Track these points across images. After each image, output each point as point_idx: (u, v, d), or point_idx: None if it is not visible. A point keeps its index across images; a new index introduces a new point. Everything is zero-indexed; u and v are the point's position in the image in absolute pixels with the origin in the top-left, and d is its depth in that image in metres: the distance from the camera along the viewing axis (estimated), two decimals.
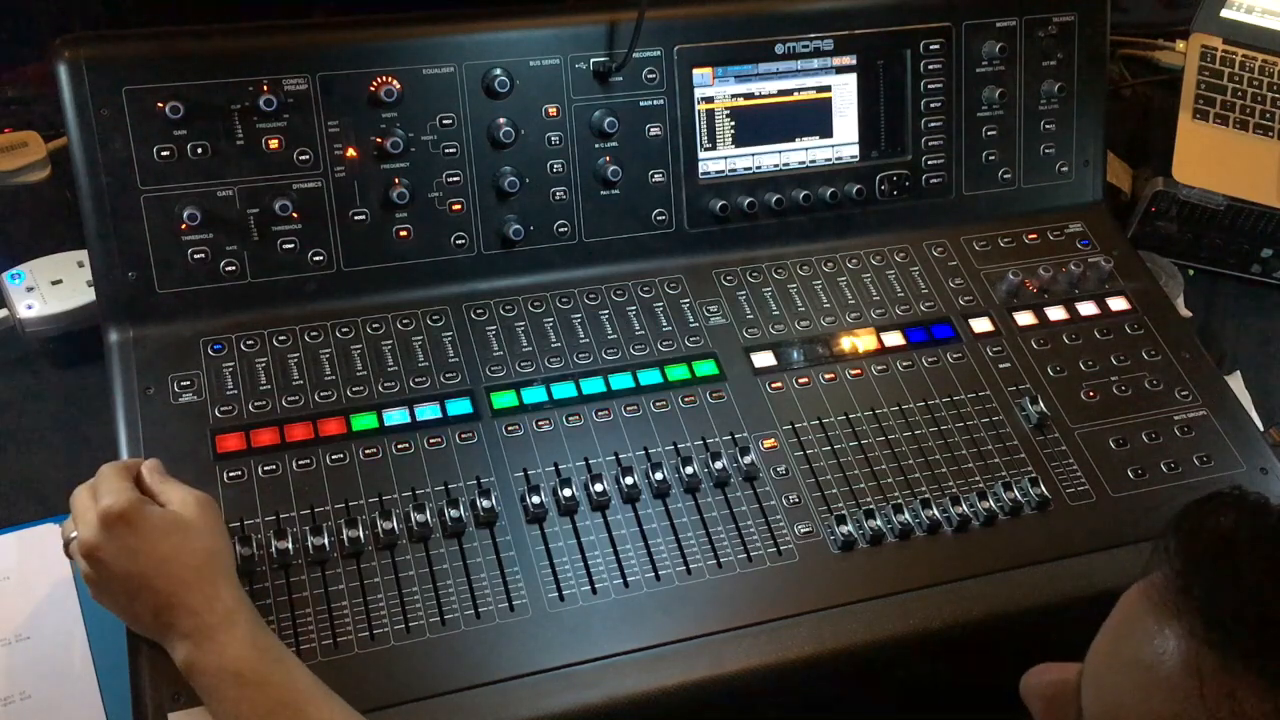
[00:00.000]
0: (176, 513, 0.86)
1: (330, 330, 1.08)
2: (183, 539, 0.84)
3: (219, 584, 0.83)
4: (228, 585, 0.84)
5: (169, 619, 0.82)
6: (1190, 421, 1.13)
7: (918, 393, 1.11)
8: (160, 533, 0.83)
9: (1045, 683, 0.71)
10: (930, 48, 1.23)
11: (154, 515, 0.84)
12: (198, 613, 0.81)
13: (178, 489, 0.88)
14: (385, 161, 1.09)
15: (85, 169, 1.02)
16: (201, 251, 1.06)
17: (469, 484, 0.99)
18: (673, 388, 1.08)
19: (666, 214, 1.18)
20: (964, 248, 1.25)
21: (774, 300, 1.17)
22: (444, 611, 0.92)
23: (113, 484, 0.85)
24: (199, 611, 0.81)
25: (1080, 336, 1.18)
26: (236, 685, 0.79)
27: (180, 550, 0.83)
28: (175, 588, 0.82)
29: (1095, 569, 1.00)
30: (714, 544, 0.98)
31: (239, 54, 1.05)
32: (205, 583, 0.83)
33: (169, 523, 0.84)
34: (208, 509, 0.87)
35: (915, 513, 1.01)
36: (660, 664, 0.91)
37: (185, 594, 0.82)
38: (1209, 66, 1.50)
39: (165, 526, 0.84)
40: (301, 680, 0.81)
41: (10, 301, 1.15)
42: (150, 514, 0.84)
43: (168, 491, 0.88)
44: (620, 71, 1.13)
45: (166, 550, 0.83)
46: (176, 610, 0.82)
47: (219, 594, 0.83)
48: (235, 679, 0.80)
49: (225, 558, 0.86)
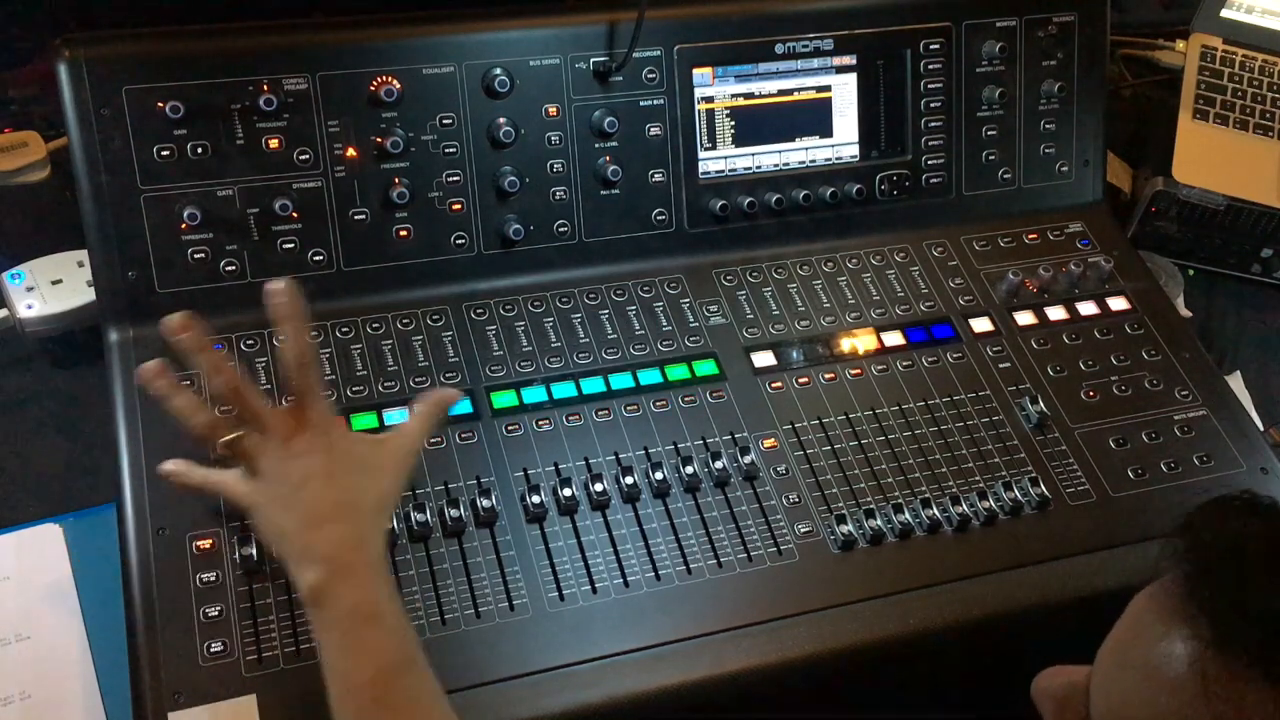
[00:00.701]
0: (393, 449, 0.86)
1: (330, 330, 1.08)
2: (380, 473, 0.84)
3: (380, 530, 0.82)
4: (383, 536, 0.83)
5: (325, 537, 0.79)
6: (1190, 421, 1.13)
7: (918, 393, 1.11)
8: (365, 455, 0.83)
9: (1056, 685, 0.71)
10: (930, 48, 1.23)
11: (366, 437, 0.86)
12: (361, 545, 0.79)
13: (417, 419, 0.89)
14: (385, 161, 1.09)
15: (85, 169, 1.02)
16: (201, 251, 1.06)
17: (469, 484, 0.99)
18: (673, 387, 1.08)
19: (666, 214, 1.18)
20: (964, 248, 1.25)
21: (774, 300, 1.17)
22: (444, 611, 0.91)
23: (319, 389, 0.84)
24: (364, 544, 0.79)
25: (1080, 336, 1.18)
26: (366, 624, 0.77)
27: (375, 481, 0.83)
28: (350, 513, 0.80)
29: (1095, 569, 1.00)
30: (714, 544, 0.98)
31: (239, 54, 1.05)
32: (374, 522, 0.82)
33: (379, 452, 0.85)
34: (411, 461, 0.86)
35: (915, 512, 1.01)
36: (660, 664, 0.91)
37: (358, 520, 0.80)
38: (1209, 66, 1.50)
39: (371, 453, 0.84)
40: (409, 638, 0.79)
41: (10, 301, 1.15)
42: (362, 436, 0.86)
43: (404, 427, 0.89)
44: (620, 71, 1.13)
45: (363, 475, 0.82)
46: (341, 532, 0.79)
47: (379, 538, 0.82)
48: (375, 620, 0.77)
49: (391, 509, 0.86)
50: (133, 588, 0.90)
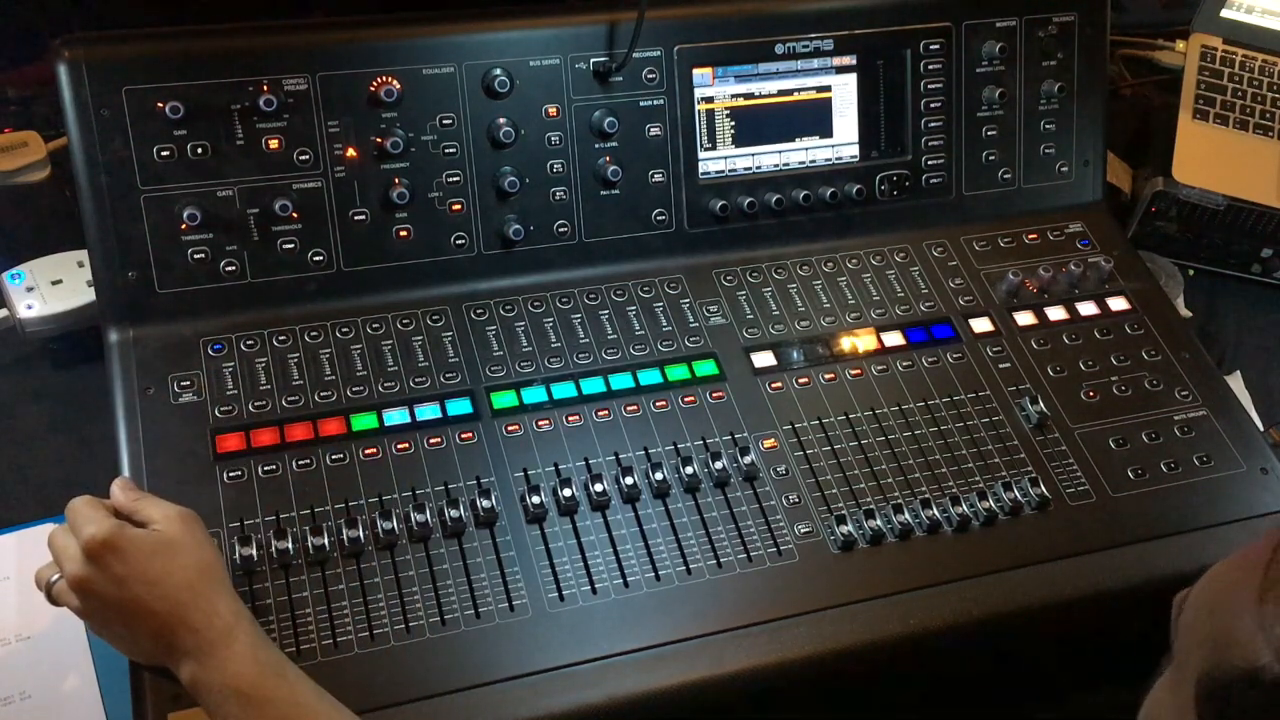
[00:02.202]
0: (160, 531, 0.84)
1: (330, 330, 1.08)
2: (171, 557, 0.82)
3: (215, 598, 0.82)
4: (224, 598, 0.82)
5: (169, 640, 0.80)
6: (1190, 421, 1.13)
7: (918, 393, 1.11)
8: (146, 554, 0.81)
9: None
10: (930, 48, 1.23)
11: (138, 538, 0.82)
12: (197, 630, 0.80)
13: (156, 505, 0.86)
14: (385, 161, 1.09)
15: (85, 169, 1.02)
16: (201, 251, 1.06)
17: (469, 484, 0.99)
18: (673, 388, 1.08)
19: (666, 214, 1.18)
20: (964, 248, 1.25)
21: (774, 300, 1.17)
22: (444, 611, 0.91)
23: (88, 514, 0.83)
24: (199, 629, 0.80)
25: (1080, 336, 1.18)
26: (239, 704, 0.78)
27: (171, 569, 0.81)
28: (171, 608, 0.80)
29: (1095, 569, 1.00)
30: (714, 544, 0.98)
31: (239, 54, 1.05)
32: (201, 598, 0.81)
33: (154, 542, 0.82)
34: (191, 523, 0.85)
35: (915, 513, 1.01)
36: (660, 664, 0.91)
37: (183, 612, 0.80)
38: (1209, 66, 1.50)
39: (151, 547, 0.82)
40: (304, 694, 0.80)
41: (10, 301, 1.15)
42: (134, 536, 0.82)
43: (146, 509, 0.86)
44: (620, 71, 1.13)
45: (157, 571, 0.81)
46: (176, 630, 0.80)
47: (216, 608, 0.81)
48: (238, 697, 0.78)
49: (217, 569, 0.84)
50: None
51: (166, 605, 0.80)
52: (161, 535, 0.83)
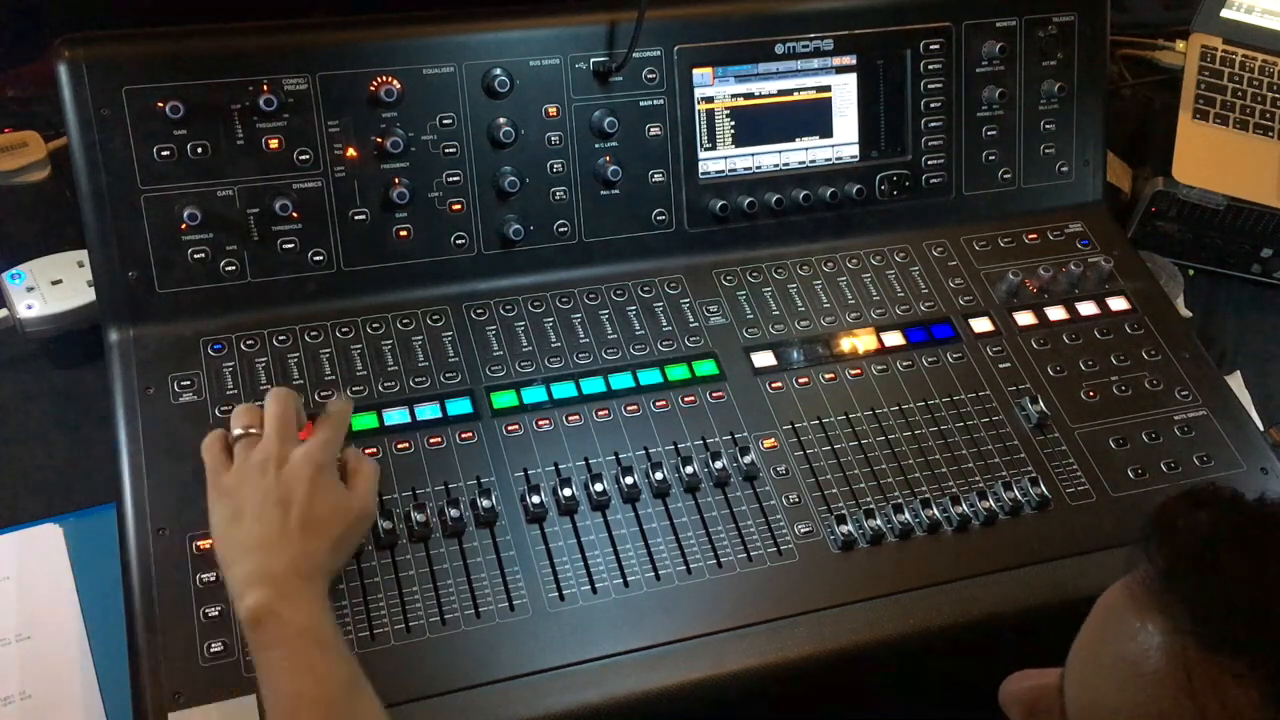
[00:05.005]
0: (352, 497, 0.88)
1: (330, 330, 1.08)
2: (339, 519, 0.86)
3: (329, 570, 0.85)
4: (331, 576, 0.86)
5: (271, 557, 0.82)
6: (1190, 421, 1.13)
7: (918, 393, 1.11)
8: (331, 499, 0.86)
9: (1025, 689, 0.71)
10: (930, 48, 1.23)
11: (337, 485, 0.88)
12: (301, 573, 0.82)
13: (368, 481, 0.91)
14: (385, 161, 1.09)
15: (85, 169, 1.02)
16: (201, 251, 1.06)
17: (469, 484, 0.99)
18: (673, 387, 1.08)
19: (666, 214, 1.18)
20: (964, 248, 1.25)
21: (774, 300, 1.17)
22: (444, 611, 0.92)
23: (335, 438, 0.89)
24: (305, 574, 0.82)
25: (1080, 336, 1.18)
26: (316, 647, 0.79)
27: (331, 523, 0.85)
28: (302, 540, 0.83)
29: (1095, 569, 1.00)
30: (714, 544, 0.98)
31: (239, 54, 1.05)
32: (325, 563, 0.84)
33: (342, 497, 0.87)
34: (367, 521, 0.90)
35: (915, 512, 1.01)
36: (660, 664, 0.91)
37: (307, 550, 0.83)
38: (1209, 66, 1.50)
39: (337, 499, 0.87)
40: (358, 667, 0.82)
41: (10, 301, 1.15)
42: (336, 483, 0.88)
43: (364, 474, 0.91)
44: (620, 71, 1.13)
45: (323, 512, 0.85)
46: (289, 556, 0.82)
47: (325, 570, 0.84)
48: (316, 641, 0.79)
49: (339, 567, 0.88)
50: (132, 588, 0.90)
51: (302, 535, 0.83)
52: (351, 500, 0.88)
